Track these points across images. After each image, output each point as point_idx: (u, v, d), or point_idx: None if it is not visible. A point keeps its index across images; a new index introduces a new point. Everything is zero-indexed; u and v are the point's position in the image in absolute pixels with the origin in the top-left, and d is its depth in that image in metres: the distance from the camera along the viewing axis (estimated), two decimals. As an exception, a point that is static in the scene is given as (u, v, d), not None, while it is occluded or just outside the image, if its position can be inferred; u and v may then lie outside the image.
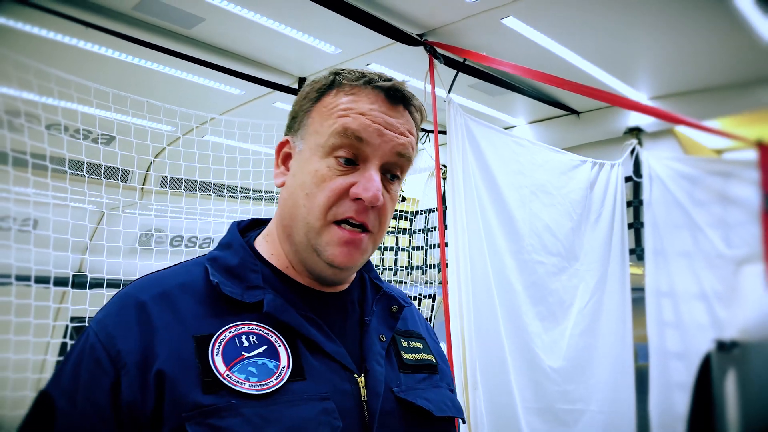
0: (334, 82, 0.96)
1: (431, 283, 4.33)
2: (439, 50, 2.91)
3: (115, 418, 0.78)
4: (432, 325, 4.44)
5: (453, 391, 1.10)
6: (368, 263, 1.11)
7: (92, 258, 2.92)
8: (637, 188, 3.69)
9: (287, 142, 1.00)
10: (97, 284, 2.96)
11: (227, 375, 0.80)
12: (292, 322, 0.89)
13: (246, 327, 0.86)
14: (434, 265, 4.29)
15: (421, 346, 1.07)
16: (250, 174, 3.52)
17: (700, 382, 2.01)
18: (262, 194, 3.69)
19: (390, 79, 0.96)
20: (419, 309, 4.41)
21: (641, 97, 3.66)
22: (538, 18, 2.86)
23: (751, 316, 3.03)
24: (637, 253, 3.62)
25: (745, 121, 3.27)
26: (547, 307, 3.07)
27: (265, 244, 0.99)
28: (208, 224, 3.70)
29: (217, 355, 0.81)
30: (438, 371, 1.07)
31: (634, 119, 3.77)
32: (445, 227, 2.95)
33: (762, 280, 3.04)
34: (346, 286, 1.03)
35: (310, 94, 0.98)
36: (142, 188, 3.68)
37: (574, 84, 2.59)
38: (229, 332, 0.85)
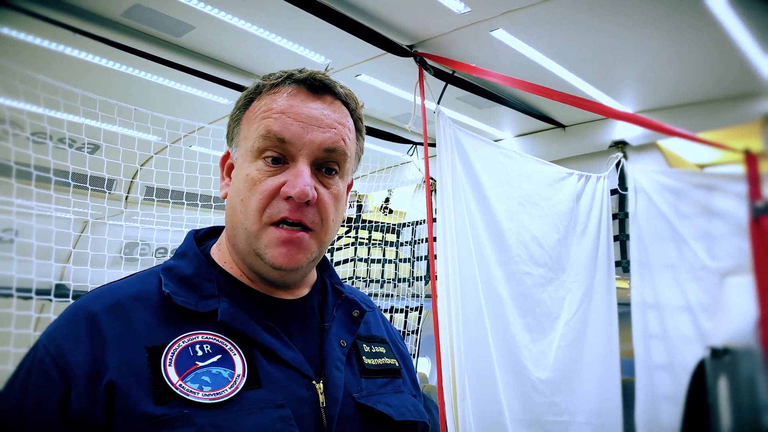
0: (258, 86, 0.97)
1: (418, 295, 4.32)
2: (429, 61, 2.93)
3: (66, 430, 0.77)
4: (419, 337, 4.45)
5: (417, 396, 1.09)
6: (330, 268, 1.11)
7: (76, 267, 2.86)
8: (622, 201, 3.72)
9: (228, 153, 1.00)
10: (80, 295, 2.91)
11: (180, 385, 0.80)
12: (248, 330, 0.88)
13: (200, 336, 0.86)
14: (421, 277, 4.29)
15: (384, 351, 1.07)
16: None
17: (693, 389, 2.02)
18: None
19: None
20: (406, 321, 4.39)
21: (626, 110, 3.72)
22: (526, 31, 2.90)
23: (734, 327, 3.06)
24: (623, 265, 3.64)
25: (728, 135, 3.33)
26: (535, 318, 3.08)
27: (218, 253, 0.99)
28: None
29: (169, 365, 0.81)
30: (401, 375, 1.07)
31: (620, 133, 3.82)
32: (434, 239, 2.96)
33: (745, 292, 3.08)
34: (306, 291, 1.02)
35: (239, 102, 0.99)
36: (126, 197, 3.63)
37: (563, 94, 2.62)
38: (183, 342, 0.84)
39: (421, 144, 4.00)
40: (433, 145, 2.83)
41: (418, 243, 4.38)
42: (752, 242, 2.58)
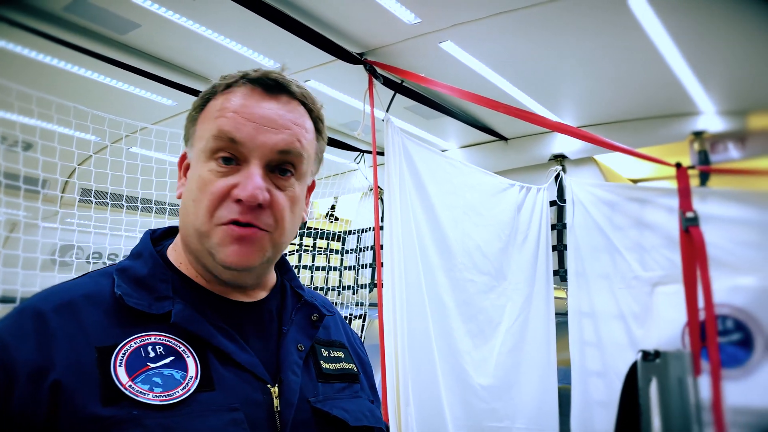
0: (214, 87, 0.96)
1: (362, 303, 4.32)
2: (379, 70, 2.97)
3: (5, 429, 0.75)
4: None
5: (374, 401, 1.09)
6: (290, 271, 1.10)
7: (6, 270, 2.73)
8: (560, 212, 3.84)
9: (185, 154, 0.99)
10: (8, 298, 2.77)
11: (129, 386, 0.78)
12: (202, 332, 0.87)
13: (153, 338, 0.84)
14: (365, 285, 4.30)
15: (343, 356, 1.06)
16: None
17: (626, 390, 2.12)
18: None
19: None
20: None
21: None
22: (474, 44, 2.98)
23: (663, 334, 3.21)
24: (561, 274, 3.76)
25: (659, 152, 3.50)
26: (477, 325, 3.15)
27: (174, 254, 0.97)
28: (132, 240, 3.54)
29: (119, 366, 0.79)
30: (359, 381, 1.06)
31: (559, 146, 3.96)
32: (381, 247, 2.98)
33: (673, 301, 3.24)
34: (264, 294, 1.01)
35: (196, 102, 0.98)
36: (61, 197, 3.49)
37: (508, 107, 2.70)
38: (135, 343, 0.83)
39: (368, 152, 4.03)
40: (382, 153, 2.86)
41: (363, 251, 4.39)
42: (682, 251, 2.74)
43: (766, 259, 3.01)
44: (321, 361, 1.00)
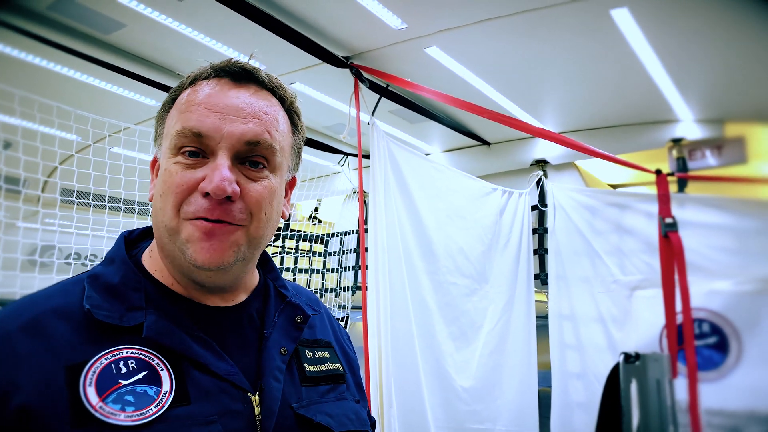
0: (182, 83, 0.93)
1: (344, 306, 4.33)
2: (365, 74, 2.98)
3: None
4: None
5: (361, 401, 1.05)
6: (274, 270, 1.06)
7: (-15, 270, 2.69)
8: (542, 216, 3.90)
9: (156, 156, 0.95)
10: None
11: (100, 407, 0.75)
12: (175, 344, 0.83)
13: (125, 352, 0.80)
14: (348, 287, 4.31)
15: (328, 356, 1.02)
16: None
17: (608, 391, 2.17)
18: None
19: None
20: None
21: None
22: (459, 50, 3.02)
23: (641, 337, 3.27)
24: (542, 278, 3.81)
25: (639, 158, 3.58)
26: (459, 328, 3.17)
27: (149, 260, 0.93)
28: (113, 242, 3.50)
29: (89, 386, 0.76)
30: (345, 381, 1.03)
31: (541, 152, 4.02)
32: (366, 249, 2.99)
33: (651, 305, 3.31)
34: (244, 297, 0.97)
35: (164, 100, 0.94)
36: (39, 198, 3.44)
37: (493, 112, 2.74)
38: (105, 359, 0.79)
39: (352, 155, 4.05)
40: (366, 156, 2.88)
41: (346, 253, 4.40)
42: (661, 256, 2.80)
43: (742, 265, 3.09)
44: (305, 364, 0.97)
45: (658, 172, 2.76)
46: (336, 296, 4.35)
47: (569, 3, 2.61)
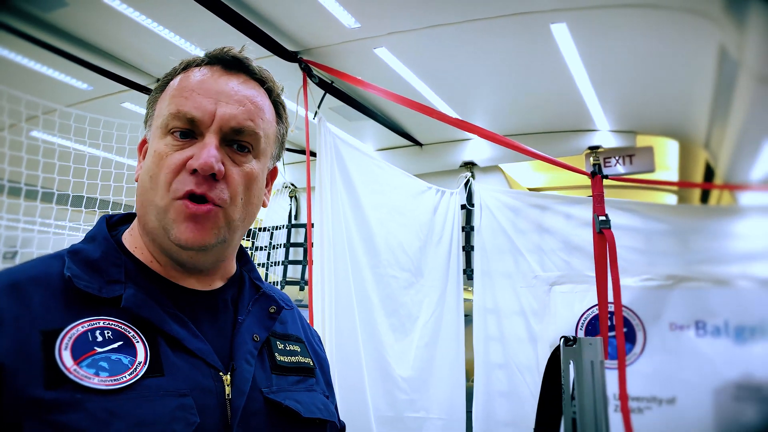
0: (175, 69, 0.98)
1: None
2: (314, 69, 3.01)
3: None
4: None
5: (330, 397, 1.08)
6: (250, 263, 1.10)
7: None
8: (469, 215, 4.08)
9: (145, 139, 0.99)
10: None
11: (75, 370, 0.76)
12: (153, 317, 0.86)
13: (102, 322, 0.83)
14: (277, 282, 4.28)
15: (299, 350, 1.05)
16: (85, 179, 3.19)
17: (548, 373, 2.38)
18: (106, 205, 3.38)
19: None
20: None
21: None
22: (406, 53, 3.13)
23: (558, 329, 3.54)
24: (468, 273, 3.99)
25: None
26: (398, 319, 3.29)
27: (130, 238, 0.96)
28: (26, 232, 3.27)
29: (65, 349, 0.77)
30: (314, 375, 1.06)
31: (469, 154, 4.22)
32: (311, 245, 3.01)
33: (567, 299, 3.58)
34: (220, 284, 1.00)
35: (157, 85, 0.99)
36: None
37: (438, 112, 2.87)
38: (82, 327, 0.81)
39: (288, 150, 4.04)
40: (303, 152, 2.89)
41: (276, 248, 4.38)
42: (595, 250, 3.05)
43: (649, 263, 3.43)
44: (276, 354, 0.99)
45: (593, 174, 3.01)
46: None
47: (514, 15, 2.79)
